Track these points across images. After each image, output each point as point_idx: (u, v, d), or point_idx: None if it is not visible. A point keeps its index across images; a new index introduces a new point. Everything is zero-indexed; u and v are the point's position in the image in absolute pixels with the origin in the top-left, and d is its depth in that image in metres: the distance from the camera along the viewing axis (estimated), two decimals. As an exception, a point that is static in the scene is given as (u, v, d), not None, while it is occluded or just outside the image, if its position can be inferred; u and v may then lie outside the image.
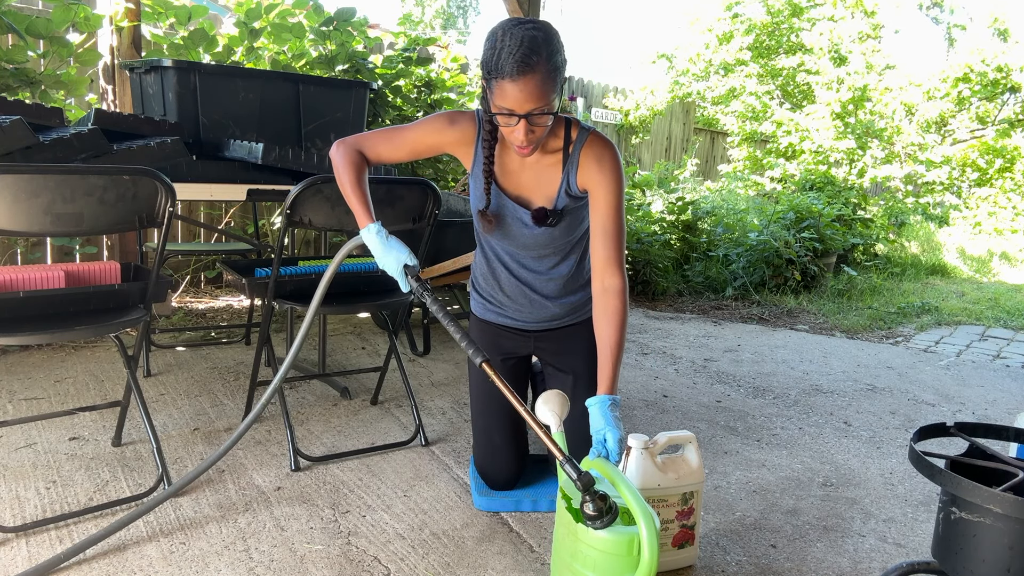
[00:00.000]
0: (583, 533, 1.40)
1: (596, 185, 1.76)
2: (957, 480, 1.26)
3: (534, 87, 1.54)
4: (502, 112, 1.59)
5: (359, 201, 1.77)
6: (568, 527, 1.45)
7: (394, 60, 4.67)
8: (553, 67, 1.56)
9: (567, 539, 1.46)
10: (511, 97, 1.55)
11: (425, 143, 1.87)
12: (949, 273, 7.45)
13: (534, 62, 1.53)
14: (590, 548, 1.39)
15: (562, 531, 1.49)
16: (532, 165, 1.83)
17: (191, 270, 4.52)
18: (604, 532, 1.37)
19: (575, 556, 1.43)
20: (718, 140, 11.03)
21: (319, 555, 1.74)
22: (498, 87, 1.56)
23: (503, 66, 1.53)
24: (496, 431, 2.02)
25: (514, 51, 1.52)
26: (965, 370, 3.77)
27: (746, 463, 2.43)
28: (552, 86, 1.57)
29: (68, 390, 2.75)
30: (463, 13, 25.13)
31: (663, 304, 5.11)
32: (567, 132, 1.80)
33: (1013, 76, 9.96)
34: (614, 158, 1.77)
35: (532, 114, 1.57)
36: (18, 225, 1.75)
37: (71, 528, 1.80)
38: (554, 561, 1.55)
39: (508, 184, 1.86)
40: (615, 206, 1.76)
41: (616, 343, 1.70)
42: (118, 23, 3.56)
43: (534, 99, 1.55)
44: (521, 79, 1.53)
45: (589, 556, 1.40)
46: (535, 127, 1.61)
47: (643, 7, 51.99)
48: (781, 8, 10.64)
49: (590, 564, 1.40)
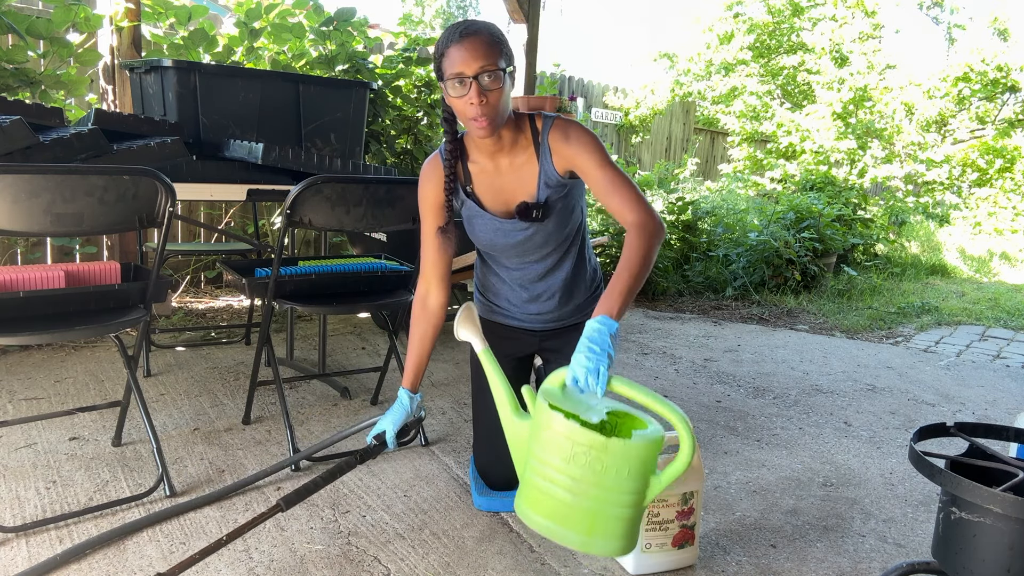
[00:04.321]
0: (613, 446, 1.32)
1: (573, 156, 1.77)
2: (957, 480, 1.26)
3: (479, 44, 1.63)
4: (454, 83, 1.65)
5: (407, 362, 1.92)
6: (585, 444, 1.33)
7: (394, 60, 4.67)
8: (496, 37, 1.67)
9: (576, 459, 1.34)
10: (458, 59, 1.63)
11: (436, 213, 1.91)
12: (949, 273, 7.44)
13: (475, 28, 1.66)
14: (618, 459, 1.33)
15: (557, 448, 1.37)
16: (507, 169, 1.84)
17: (191, 270, 4.52)
18: (638, 440, 1.34)
19: (597, 473, 1.33)
20: (718, 140, 11.02)
21: (319, 555, 1.74)
22: (447, 60, 1.65)
23: (449, 38, 1.66)
24: (498, 431, 2.01)
25: (458, 26, 1.67)
26: (965, 370, 3.77)
27: (746, 463, 2.43)
28: (497, 50, 1.66)
29: (68, 390, 2.75)
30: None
31: (663, 304, 5.11)
32: (533, 126, 1.82)
33: (1013, 76, 9.96)
34: (580, 128, 1.79)
35: (482, 72, 1.63)
36: (18, 225, 1.75)
37: (71, 528, 1.80)
38: (538, 490, 1.41)
39: (490, 200, 1.88)
40: (603, 162, 1.75)
41: (627, 267, 1.60)
42: (118, 23, 3.56)
43: (480, 56, 1.62)
44: (465, 40, 1.63)
45: (616, 467, 1.33)
46: (488, 92, 1.65)
47: (643, 7, 51.98)
48: (782, 8, 10.65)
49: (620, 474, 1.34)
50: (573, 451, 1.34)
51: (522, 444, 1.48)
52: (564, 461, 1.35)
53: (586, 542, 1.38)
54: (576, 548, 1.40)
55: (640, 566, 1.73)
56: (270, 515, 1.60)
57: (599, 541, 1.38)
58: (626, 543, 1.40)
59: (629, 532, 1.39)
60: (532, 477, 1.42)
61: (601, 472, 1.34)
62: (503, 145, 1.80)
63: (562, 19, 27.75)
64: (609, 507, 1.36)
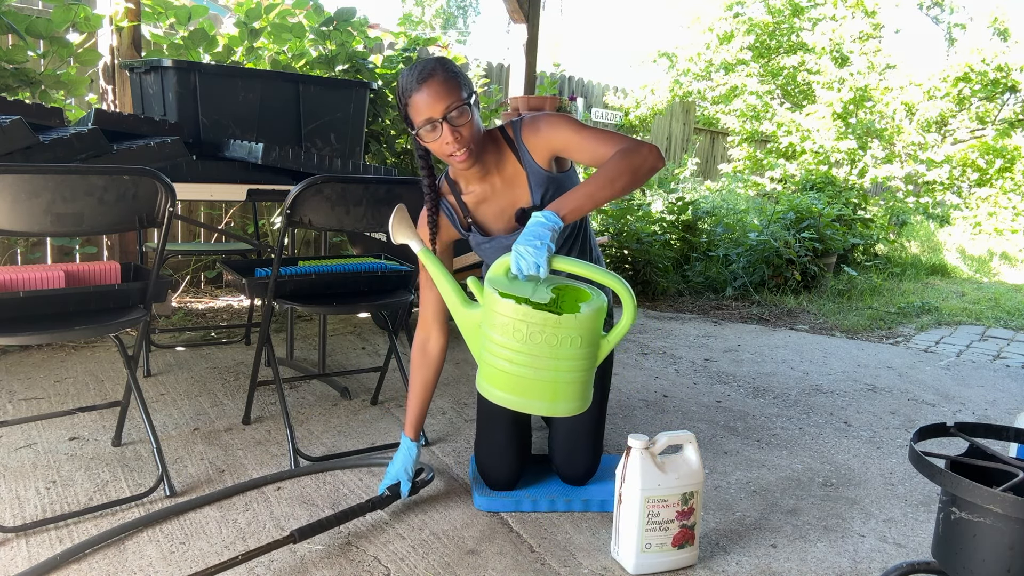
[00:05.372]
0: (566, 321, 1.46)
1: (549, 140, 1.79)
2: (957, 480, 1.26)
3: (438, 86, 1.67)
4: (426, 129, 1.69)
5: (409, 409, 2.01)
6: (539, 324, 1.45)
7: (394, 60, 4.67)
8: (451, 72, 1.70)
9: (532, 338, 1.47)
10: (423, 105, 1.68)
11: (442, 246, 1.96)
12: (949, 273, 7.44)
13: (430, 69, 1.69)
14: (572, 331, 1.47)
15: (512, 331, 1.48)
16: (501, 187, 1.87)
17: (191, 270, 4.52)
18: (586, 312, 1.48)
19: (552, 347, 1.47)
20: (718, 140, 11.02)
21: (319, 555, 1.74)
22: (412, 110, 1.70)
23: (408, 87, 1.70)
24: (499, 430, 2.02)
25: (412, 73, 1.70)
26: (965, 370, 3.77)
27: (746, 463, 2.43)
28: (456, 84, 1.69)
29: (68, 390, 2.75)
30: (463, 13, 25.14)
31: (663, 304, 5.11)
32: (506, 136, 1.86)
33: (1013, 76, 9.95)
34: (545, 115, 1.82)
35: (449, 112, 1.67)
36: (18, 225, 1.75)
37: (71, 528, 1.80)
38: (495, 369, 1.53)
39: (494, 222, 1.92)
40: (576, 128, 1.76)
41: (594, 176, 1.61)
42: (118, 23, 3.56)
43: (442, 96, 1.66)
44: (424, 85, 1.67)
45: (571, 338, 1.47)
46: (459, 126, 1.68)
47: (643, 7, 51.99)
48: (782, 8, 10.64)
49: (574, 344, 1.48)
50: (528, 332, 1.47)
51: (474, 330, 1.59)
52: (520, 342, 1.48)
53: (551, 407, 1.56)
54: (543, 414, 1.56)
55: (640, 566, 1.73)
56: (282, 544, 1.68)
57: (562, 404, 1.55)
58: (584, 401, 1.58)
59: (586, 391, 1.58)
60: (490, 358, 1.54)
61: (557, 346, 1.47)
62: (489, 166, 1.84)
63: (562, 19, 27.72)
64: (567, 374, 1.51)
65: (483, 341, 1.55)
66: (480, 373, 1.60)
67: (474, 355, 1.63)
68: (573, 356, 1.50)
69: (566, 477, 2.08)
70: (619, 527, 1.75)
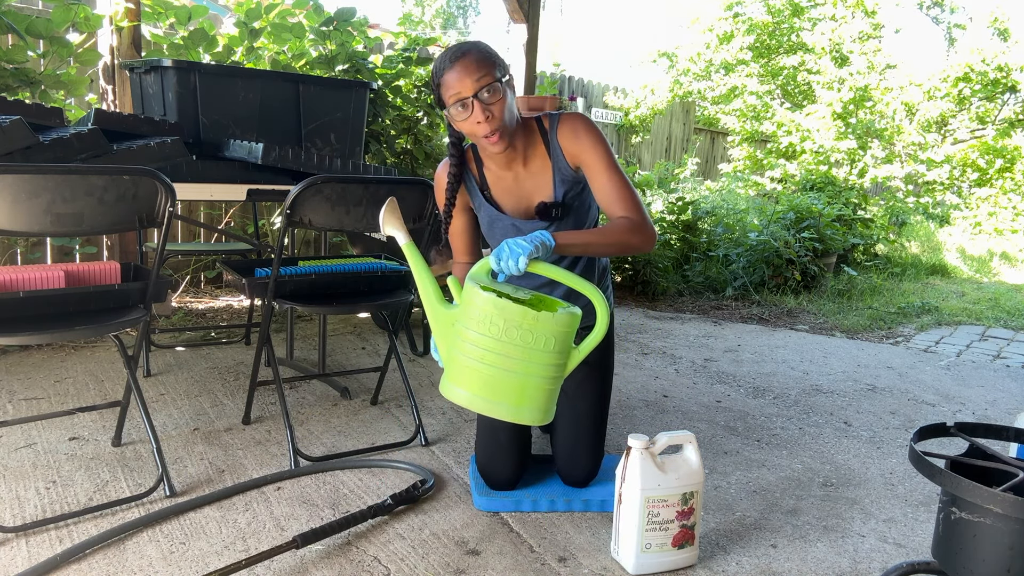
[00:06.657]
0: (543, 318, 1.48)
1: (580, 152, 1.80)
2: (957, 480, 1.26)
3: (470, 63, 1.67)
4: (456, 108, 1.68)
5: None
6: (516, 319, 1.47)
7: (394, 60, 4.67)
8: (486, 52, 1.70)
9: (508, 333, 1.48)
10: (455, 83, 1.67)
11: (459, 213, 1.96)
12: (949, 273, 7.44)
13: (465, 49, 1.69)
14: (547, 330, 1.49)
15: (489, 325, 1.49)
16: (524, 176, 1.87)
17: (191, 270, 4.52)
18: (563, 313, 1.51)
19: (527, 345, 1.48)
20: (718, 140, 11.02)
21: (319, 555, 1.74)
22: (444, 88, 1.69)
23: (441, 67, 1.69)
24: (501, 430, 2.02)
25: (447, 53, 1.71)
26: (965, 370, 3.77)
27: (746, 463, 2.43)
28: (490, 63, 1.68)
29: (68, 390, 2.75)
30: (463, 13, 25.14)
31: (663, 304, 5.11)
32: (541, 127, 1.85)
33: (1013, 76, 9.95)
34: (587, 123, 1.82)
35: (480, 90, 1.66)
36: (18, 225, 1.75)
37: (71, 528, 1.80)
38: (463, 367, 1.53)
39: (509, 204, 1.91)
40: (609, 165, 1.78)
41: (601, 230, 1.71)
42: (118, 23, 3.56)
43: (474, 74, 1.66)
44: (458, 63, 1.67)
45: (545, 338, 1.49)
46: (490, 105, 1.68)
47: (643, 7, 51.98)
48: (782, 8, 10.64)
49: (548, 345, 1.50)
50: (505, 326, 1.48)
51: (447, 329, 1.58)
52: (495, 337, 1.48)
53: (516, 411, 1.53)
54: (506, 418, 1.53)
55: (640, 566, 1.73)
56: (285, 549, 1.68)
57: (526, 410, 1.53)
58: (547, 414, 1.57)
59: (550, 404, 1.57)
60: (461, 357, 1.54)
61: (531, 344, 1.48)
62: (516, 155, 1.83)
63: (562, 19, 27.70)
64: (535, 379, 1.51)
65: (455, 340, 1.55)
66: (446, 375, 1.58)
67: (441, 357, 1.62)
68: (544, 360, 1.50)
69: (568, 479, 2.08)
70: (619, 527, 1.75)
